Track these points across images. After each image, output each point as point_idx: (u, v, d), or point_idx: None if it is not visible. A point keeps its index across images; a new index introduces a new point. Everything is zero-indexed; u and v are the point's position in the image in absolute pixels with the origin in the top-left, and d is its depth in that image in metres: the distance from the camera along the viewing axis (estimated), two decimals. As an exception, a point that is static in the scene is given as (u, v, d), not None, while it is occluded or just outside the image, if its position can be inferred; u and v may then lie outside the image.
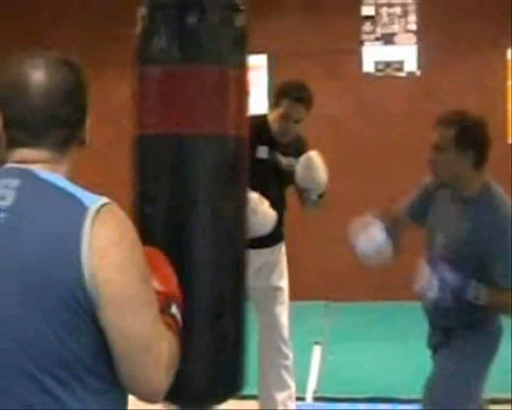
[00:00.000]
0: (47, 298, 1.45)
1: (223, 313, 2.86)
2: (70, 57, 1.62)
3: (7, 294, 1.47)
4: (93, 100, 1.65)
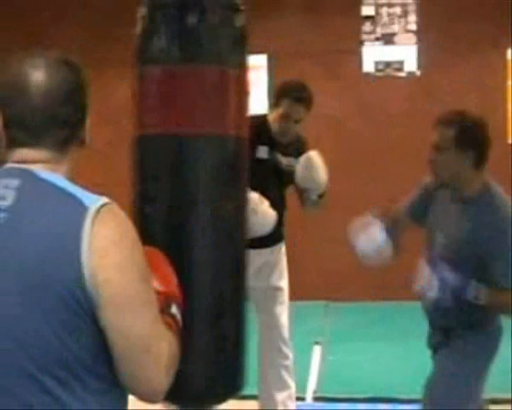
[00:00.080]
0: (47, 298, 1.45)
1: (223, 313, 2.86)
2: (70, 57, 1.63)
3: (7, 294, 1.47)
4: (93, 100, 1.65)
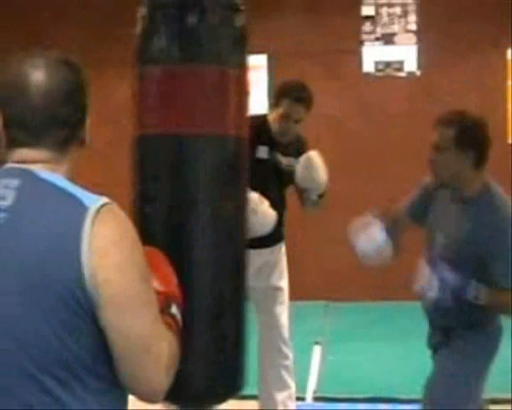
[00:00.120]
0: (47, 298, 1.45)
1: (223, 313, 2.86)
2: (70, 57, 1.63)
3: (7, 294, 1.47)
4: (93, 100, 1.65)
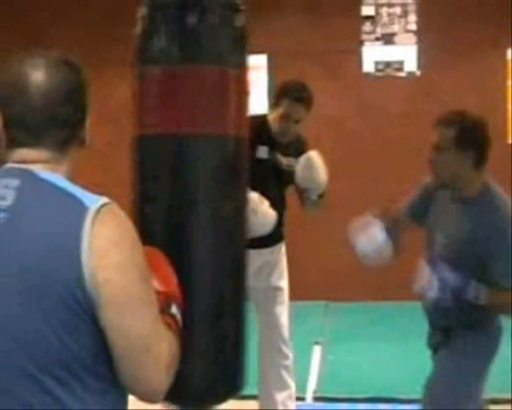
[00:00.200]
0: (47, 298, 1.45)
1: (223, 313, 2.86)
2: (70, 57, 1.63)
3: (7, 294, 1.47)
4: (93, 100, 1.65)
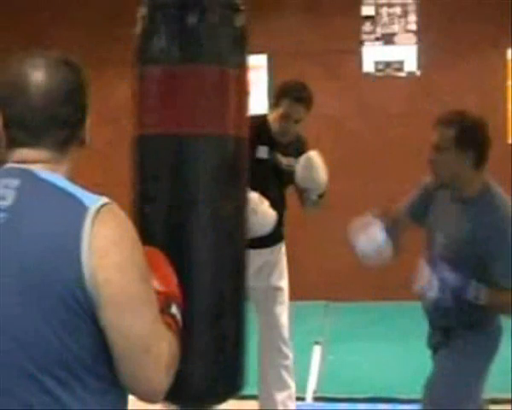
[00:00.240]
0: (47, 298, 1.45)
1: (223, 313, 2.86)
2: (70, 57, 1.63)
3: (7, 294, 1.47)
4: (93, 100, 1.65)
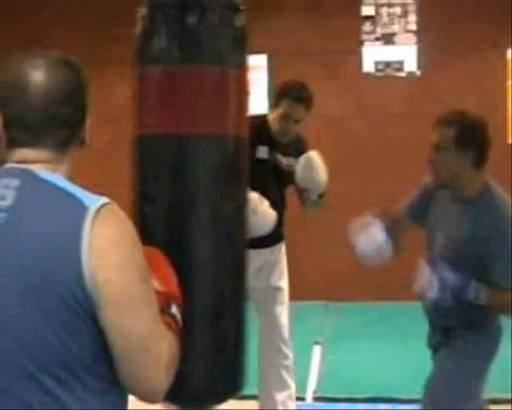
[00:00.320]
0: (47, 298, 1.45)
1: (223, 313, 2.86)
2: (70, 57, 1.63)
3: (7, 294, 1.47)
4: (93, 100, 1.65)
